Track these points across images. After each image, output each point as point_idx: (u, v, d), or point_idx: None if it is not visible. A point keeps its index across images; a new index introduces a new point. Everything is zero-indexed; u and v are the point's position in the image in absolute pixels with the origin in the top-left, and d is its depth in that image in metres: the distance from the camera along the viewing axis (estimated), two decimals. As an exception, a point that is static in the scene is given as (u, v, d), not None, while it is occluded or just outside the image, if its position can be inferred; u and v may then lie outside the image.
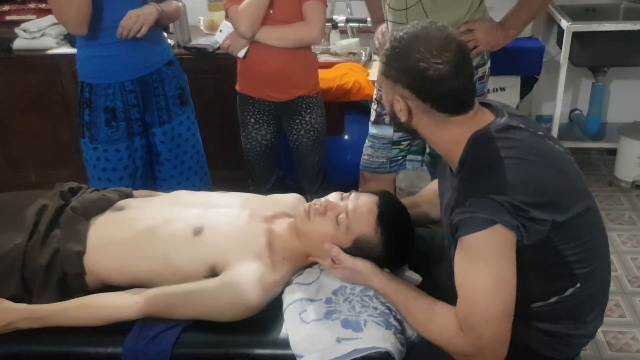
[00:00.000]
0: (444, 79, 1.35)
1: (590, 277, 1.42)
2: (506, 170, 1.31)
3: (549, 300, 1.42)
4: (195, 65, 3.22)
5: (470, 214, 1.30)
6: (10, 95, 3.44)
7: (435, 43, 1.35)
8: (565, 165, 1.46)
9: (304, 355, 1.42)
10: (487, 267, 1.30)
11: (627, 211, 3.35)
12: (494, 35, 2.19)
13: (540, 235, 1.32)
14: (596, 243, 1.45)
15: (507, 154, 1.34)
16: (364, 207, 1.57)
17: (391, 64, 1.41)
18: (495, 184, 1.30)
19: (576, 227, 1.37)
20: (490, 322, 1.30)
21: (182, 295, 1.53)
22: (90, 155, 2.32)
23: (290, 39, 2.44)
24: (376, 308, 1.51)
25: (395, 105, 1.43)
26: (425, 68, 1.34)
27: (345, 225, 1.55)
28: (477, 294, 1.31)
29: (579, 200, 1.40)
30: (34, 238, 1.68)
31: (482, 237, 1.29)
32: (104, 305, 1.55)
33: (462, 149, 1.39)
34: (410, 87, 1.38)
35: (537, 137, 1.45)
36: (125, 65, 2.24)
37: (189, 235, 1.63)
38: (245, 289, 1.50)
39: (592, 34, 3.26)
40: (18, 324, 1.54)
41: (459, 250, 1.35)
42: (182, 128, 2.44)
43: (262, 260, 1.58)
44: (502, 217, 1.28)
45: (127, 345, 1.50)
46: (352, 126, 3.22)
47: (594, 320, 1.50)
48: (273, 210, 1.76)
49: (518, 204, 1.28)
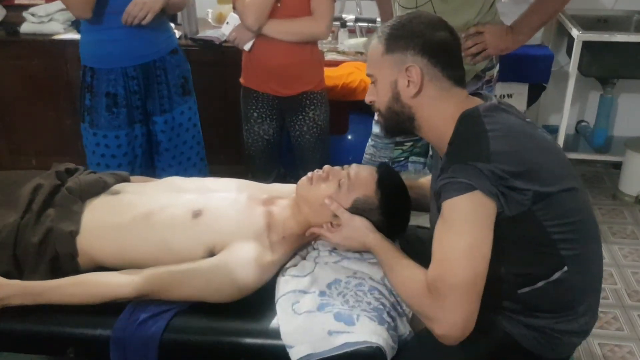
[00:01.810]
0: (451, 44, 1.45)
1: (578, 262, 1.40)
2: (490, 141, 1.34)
3: (536, 284, 1.40)
4: (201, 57, 3.21)
5: (450, 179, 1.32)
6: (15, 79, 3.45)
7: (433, 20, 1.48)
8: (552, 147, 1.48)
9: (294, 346, 1.41)
10: (460, 231, 1.30)
11: (629, 225, 3.32)
12: (503, 38, 2.17)
13: (522, 207, 1.32)
14: (585, 227, 1.43)
15: (492, 127, 1.37)
16: (365, 172, 1.67)
17: (397, 35, 1.45)
18: (478, 152, 1.33)
19: (561, 203, 1.37)
20: (456, 286, 1.28)
21: (179, 273, 1.53)
22: (89, 141, 2.31)
23: (296, 33, 2.42)
24: (370, 303, 1.50)
25: (401, 81, 1.44)
26: (434, 33, 1.43)
27: (346, 186, 1.63)
28: (447, 256, 1.31)
29: (564, 179, 1.40)
30: (27, 216, 1.67)
31: (459, 202, 1.30)
32: (100, 282, 1.54)
33: (452, 129, 1.42)
34: (422, 50, 1.42)
35: (524, 121, 1.48)
36: (128, 51, 2.23)
37: (188, 218, 1.63)
38: (241, 268, 1.51)
39: (602, 44, 3.23)
40: (10, 300, 1.52)
41: (439, 217, 1.36)
42: (183, 118, 2.43)
43: (260, 240, 1.60)
44: (481, 184, 1.29)
45: (117, 327, 1.49)
46: (356, 126, 3.20)
47: (584, 314, 1.46)
48: (270, 194, 1.78)
49: (499, 173, 1.30)
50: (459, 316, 1.29)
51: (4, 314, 1.53)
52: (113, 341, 1.48)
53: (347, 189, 1.62)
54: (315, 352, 1.39)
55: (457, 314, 1.29)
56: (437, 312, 1.30)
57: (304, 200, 1.66)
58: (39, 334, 1.54)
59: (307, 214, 1.66)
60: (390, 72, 1.46)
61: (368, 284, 1.56)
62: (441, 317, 1.30)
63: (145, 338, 1.47)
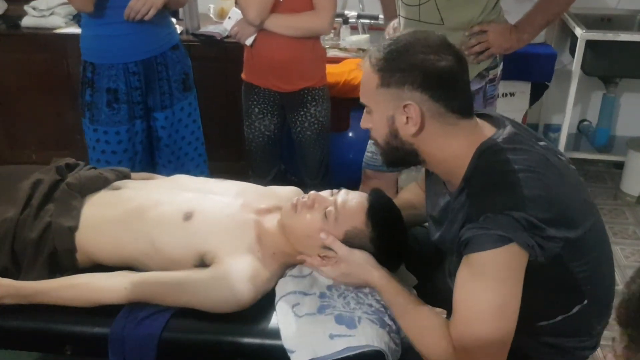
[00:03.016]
0: (455, 72, 1.27)
1: (597, 293, 1.37)
2: (522, 184, 1.22)
3: (555, 319, 1.36)
4: (203, 53, 3.20)
5: (484, 231, 1.20)
6: (16, 72, 3.43)
7: (435, 40, 1.29)
8: (573, 177, 1.39)
9: (295, 350, 1.39)
10: (492, 287, 1.21)
11: (631, 225, 3.31)
12: (507, 37, 2.15)
13: (553, 253, 1.24)
14: (603, 257, 1.40)
15: (520, 166, 1.25)
16: (353, 200, 1.52)
17: (392, 67, 1.27)
18: (511, 198, 1.21)
19: (586, 244, 1.31)
20: (486, 348, 1.21)
21: (172, 285, 1.50)
22: (90, 136, 2.30)
23: (298, 27, 2.41)
24: (371, 305, 1.48)
25: (399, 118, 1.29)
26: (437, 59, 1.25)
27: (333, 217, 1.49)
28: (476, 314, 1.22)
29: (588, 215, 1.34)
30: (27, 211, 1.66)
31: (493, 255, 1.20)
32: (92, 287, 1.52)
33: (468, 164, 1.29)
34: (422, 85, 1.25)
35: (543, 148, 1.36)
36: (129, 47, 2.21)
37: (178, 219, 1.59)
38: (238, 285, 1.45)
39: (606, 43, 3.22)
40: (3, 300, 1.51)
41: (463, 266, 1.25)
42: (183, 114, 2.41)
43: (253, 254, 1.53)
44: (518, 235, 1.19)
45: (115, 326, 1.47)
46: (357, 123, 3.14)
47: (598, 333, 1.45)
48: (267, 203, 1.69)
49: (535, 222, 1.20)
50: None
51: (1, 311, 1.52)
52: (111, 339, 1.47)
53: (335, 220, 1.48)
54: (317, 356, 1.36)
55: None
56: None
57: (289, 229, 1.53)
58: (36, 332, 1.52)
59: (295, 243, 1.54)
60: (386, 107, 1.30)
61: (369, 285, 1.55)
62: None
63: (144, 336, 1.45)
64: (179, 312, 1.50)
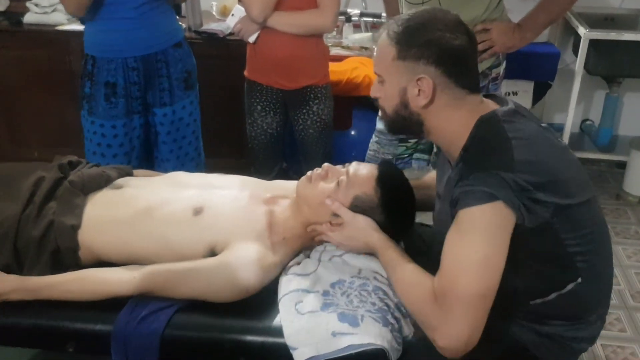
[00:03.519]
0: (468, 51, 1.36)
1: (592, 273, 1.38)
2: (513, 149, 1.28)
3: (549, 297, 1.37)
4: (205, 51, 3.19)
5: (471, 187, 1.27)
6: (18, 69, 3.43)
7: (451, 19, 1.36)
8: (569, 156, 1.44)
9: (298, 347, 1.39)
10: (476, 241, 1.25)
11: (633, 225, 3.30)
12: (510, 36, 2.15)
13: (541, 219, 1.28)
14: (599, 237, 1.41)
15: (514, 134, 1.32)
16: (365, 169, 1.60)
17: (410, 41, 1.35)
18: (501, 160, 1.28)
19: (579, 216, 1.34)
20: (465, 299, 1.24)
21: (180, 272, 1.51)
22: (87, 128, 2.30)
23: (301, 25, 2.40)
24: (374, 304, 1.48)
25: (411, 90, 1.36)
26: (452, 38, 1.33)
27: (345, 184, 1.57)
28: (458, 266, 1.26)
29: (583, 190, 1.37)
30: (29, 209, 1.65)
31: (479, 211, 1.25)
32: (100, 279, 1.52)
33: (467, 135, 1.36)
34: (437, 60, 1.33)
35: (541, 127, 1.43)
36: (130, 42, 2.21)
37: (188, 215, 1.61)
38: (244, 269, 1.48)
39: (609, 42, 3.21)
40: (9, 295, 1.51)
41: (453, 224, 1.31)
42: (185, 112, 2.41)
43: (262, 241, 1.57)
44: (504, 194, 1.24)
45: (118, 323, 1.47)
46: (359, 122, 3.18)
47: (595, 321, 1.45)
48: (274, 193, 1.75)
49: (523, 183, 1.25)
50: (464, 330, 1.24)
51: (2, 308, 1.51)
52: (114, 337, 1.47)
53: (346, 187, 1.57)
54: (319, 353, 1.36)
55: (463, 327, 1.24)
56: (442, 322, 1.26)
57: (304, 199, 1.62)
58: (37, 328, 1.52)
59: (307, 214, 1.62)
60: (400, 79, 1.38)
61: (372, 284, 1.54)
62: (445, 328, 1.26)
63: (147, 334, 1.45)
64: (181, 310, 1.50)
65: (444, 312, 1.26)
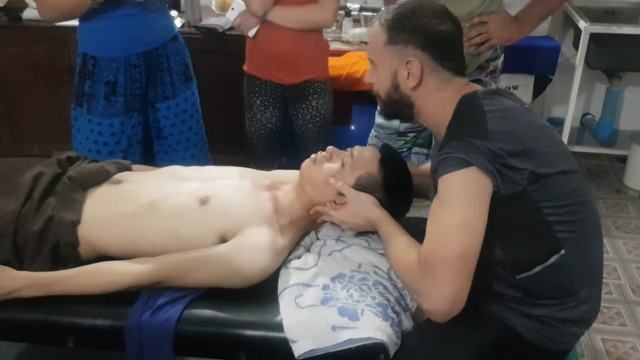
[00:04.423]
0: (453, 36, 1.46)
1: (576, 245, 1.39)
2: (488, 121, 1.35)
3: (534, 269, 1.38)
4: (205, 46, 3.19)
5: (447, 155, 1.33)
6: (17, 65, 3.42)
7: (437, 10, 1.46)
8: (549, 131, 1.48)
9: (297, 341, 1.40)
10: (454, 206, 1.30)
11: (634, 220, 3.30)
12: (507, 29, 2.14)
13: (518, 186, 1.32)
14: (582, 210, 1.41)
15: (490, 108, 1.39)
16: (368, 151, 1.69)
17: (399, 27, 1.44)
18: (475, 130, 1.34)
19: (557, 185, 1.36)
20: (446, 260, 1.27)
21: (195, 260, 1.53)
22: (84, 126, 2.28)
23: (301, 20, 2.40)
24: (374, 298, 1.48)
25: (402, 73, 1.45)
26: (438, 24, 1.43)
27: (350, 164, 1.64)
28: (439, 231, 1.30)
29: (562, 161, 1.40)
30: (28, 204, 1.65)
31: (455, 177, 1.31)
32: (113, 271, 1.53)
33: (452, 113, 1.43)
34: (424, 45, 1.42)
35: (523, 107, 1.49)
36: (131, 39, 2.20)
37: (195, 205, 1.63)
38: (258, 253, 1.53)
39: (610, 36, 3.20)
40: (21, 292, 1.51)
41: (436, 195, 1.36)
42: (188, 104, 2.41)
43: (271, 225, 1.62)
44: (477, 159, 1.29)
45: (131, 316, 1.48)
46: (359, 117, 3.18)
47: (585, 301, 1.43)
48: (273, 180, 1.79)
49: (496, 150, 1.30)
50: (447, 291, 1.27)
51: (17, 303, 1.51)
52: (128, 328, 1.47)
53: (351, 167, 1.63)
54: (319, 347, 1.37)
55: (445, 289, 1.27)
56: (426, 286, 1.29)
57: (308, 180, 1.67)
58: (54, 324, 1.53)
59: (311, 194, 1.67)
60: (391, 63, 1.47)
61: (372, 278, 1.55)
62: (429, 291, 1.28)
63: (161, 324, 1.46)
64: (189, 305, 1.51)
65: (427, 276, 1.29)
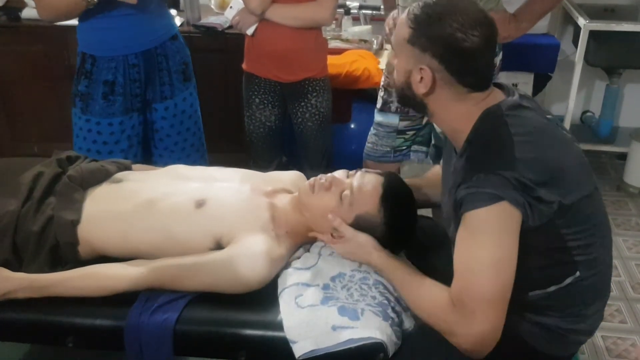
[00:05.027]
0: (477, 53, 1.32)
1: (591, 267, 1.38)
2: (515, 147, 1.28)
3: (548, 289, 1.37)
4: (204, 44, 3.19)
5: (475, 189, 1.26)
6: (16, 64, 3.42)
7: (472, 15, 1.31)
8: (572, 148, 1.42)
9: (298, 341, 1.39)
10: (487, 243, 1.26)
11: (634, 217, 3.30)
12: (505, 26, 2.14)
13: (545, 218, 1.28)
14: (599, 231, 1.40)
15: (516, 130, 1.31)
16: (369, 185, 1.57)
17: (422, 30, 1.34)
18: (503, 159, 1.27)
19: (582, 211, 1.34)
20: (484, 300, 1.25)
21: (190, 266, 1.51)
22: (82, 127, 2.28)
23: (300, 18, 2.39)
24: (374, 297, 1.48)
25: (415, 75, 1.36)
26: (462, 39, 1.30)
27: (348, 201, 1.55)
28: (473, 269, 1.27)
29: (584, 183, 1.37)
30: (28, 204, 1.65)
31: (486, 213, 1.25)
32: (108, 275, 1.52)
33: (471, 127, 1.35)
34: (441, 57, 1.32)
35: (546, 119, 1.42)
36: (130, 38, 2.19)
37: (191, 207, 1.61)
38: (254, 261, 1.49)
39: (609, 33, 3.20)
40: (17, 294, 1.50)
41: (461, 227, 1.31)
42: (186, 104, 2.40)
43: (267, 233, 1.57)
44: (508, 194, 1.24)
45: (131, 314, 1.48)
46: (359, 115, 3.17)
47: (593, 315, 1.45)
48: (274, 186, 1.74)
49: (526, 182, 1.24)
50: (487, 330, 1.26)
51: (15, 303, 1.51)
52: (127, 329, 1.47)
53: (349, 205, 1.55)
54: (319, 347, 1.37)
55: (486, 328, 1.26)
56: (464, 327, 1.27)
57: (306, 207, 1.61)
58: (53, 325, 1.52)
59: (309, 220, 1.62)
60: (407, 62, 1.38)
61: (373, 277, 1.54)
62: (468, 331, 1.27)
63: (160, 323, 1.46)
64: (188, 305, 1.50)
65: (464, 316, 1.27)
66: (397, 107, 2.35)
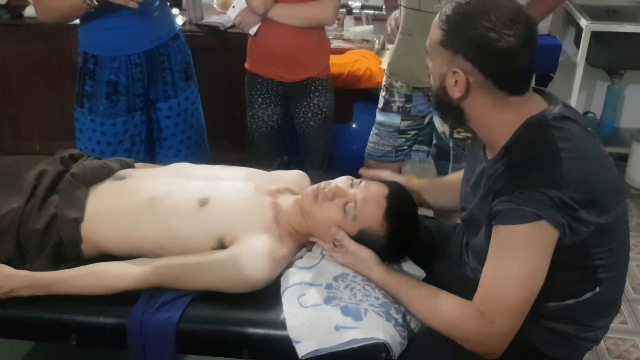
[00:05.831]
0: (514, 54, 1.24)
1: (610, 284, 1.38)
2: (563, 163, 1.23)
3: (565, 302, 1.37)
4: (206, 44, 3.19)
5: (516, 206, 1.22)
6: (19, 63, 3.43)
7: (507, 12, 1.23)
8: (611, 166, 1.38)
9: (301, 341, 1.39)
10: (520, 259, 1.24)
11: (635, 218, 3.30)
12: None
13: (581, 237, 1.26)
14: (622, 247, 1.39)
15: (563, 145, 1.25)
16: (373, 199, 1.54)
17: (454, 31, 1.27)
18: (548, 176, 1.22)
19: (613, 231, 1.32)
20: (507, 313, 1.26)
21: (192, 266, 1.51)
22: (86, 127, 2.28)
23: (302, 17, 2.40)
24: (378, 298, 1.48)
25: (449, 79, 1.30)
26: (496, 39, 1.22)
27: (352, 215, 1.53)
28: (502, 282, 1.26)
29: (619, 204, 1.35)
30: (32, 202, 1.66)
31: (524, 230, 1.23)
32: (110, 274, 1.52)
33: (512, 134, 1.30)
34: (475, 59, 1.25)
35: (588, 133, 1.36)
36: (133, 38, 2.20)
37: (194, 206, 1.61)
38: (258, 262, 1.48)
39: (611, 34, 3.20)
40: (20, 292, 1.51)
41: (494, 237, 1.29)
42: (188, 103, 2.41)
43: (270, 233, 1.57)
44: (549, 213, 1.21)
45: (134, 312, 1.48)
46: (360, 115, 3.18)
47: (603, 326, 1.46)
48: (277, 185, 1.74)
49: (568, 201, 1.21)
50: (505, 337, 1.28)
51: (18, 301, 1.51)
52: (130, 327, 1.47)
53: (353, 218, 1.53)
54: (322, 347, 1.37)
55: (506, 336, 1.28)
56: (484, 336, 1.28)
57: (309, 215, 1.58)
58: (56, 322, 1.53)
59: (311, 226, 1.60)
60: (441, 65, 1.32)
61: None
62: (488, 340, 1.28)
63: (163, 321, 1.46)
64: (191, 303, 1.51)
65: (486, 325, 1.27)
66: (399, 107, 2.36)
